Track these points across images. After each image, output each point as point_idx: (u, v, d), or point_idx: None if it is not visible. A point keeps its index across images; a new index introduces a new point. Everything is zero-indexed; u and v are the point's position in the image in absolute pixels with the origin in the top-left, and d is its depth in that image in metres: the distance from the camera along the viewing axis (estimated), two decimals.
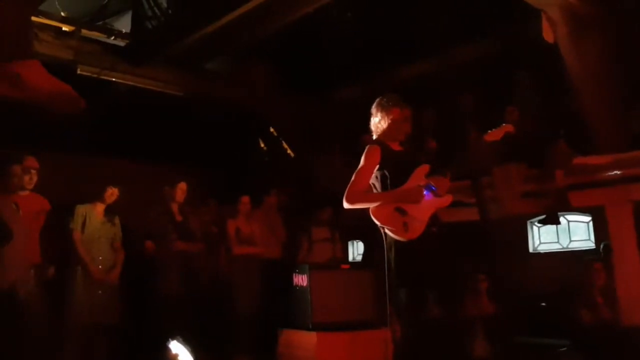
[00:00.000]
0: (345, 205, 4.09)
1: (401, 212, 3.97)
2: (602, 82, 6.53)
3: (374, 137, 4.28)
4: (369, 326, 6.13)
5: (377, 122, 4.25)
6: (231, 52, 9.18)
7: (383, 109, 4.22)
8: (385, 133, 4.22)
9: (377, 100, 4.29)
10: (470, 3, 7.25)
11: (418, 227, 3.95)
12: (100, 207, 6.19)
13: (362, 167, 4.14)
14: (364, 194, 4.09)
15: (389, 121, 4.18)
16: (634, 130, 6.30)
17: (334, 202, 7.62)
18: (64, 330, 5.75)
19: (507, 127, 4.32)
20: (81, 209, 6.08)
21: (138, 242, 6.55)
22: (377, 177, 4.13)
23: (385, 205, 4.00)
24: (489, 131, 4.33)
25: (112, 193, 6.20)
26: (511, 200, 6.39)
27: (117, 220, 6.27)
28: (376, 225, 4.09)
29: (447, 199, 4.13)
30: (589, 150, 6.33)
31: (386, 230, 4.01)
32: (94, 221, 6.09)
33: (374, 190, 4.16)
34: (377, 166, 4.11)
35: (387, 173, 4.10)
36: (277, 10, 7.17)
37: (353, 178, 4.11)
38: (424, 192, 4.02)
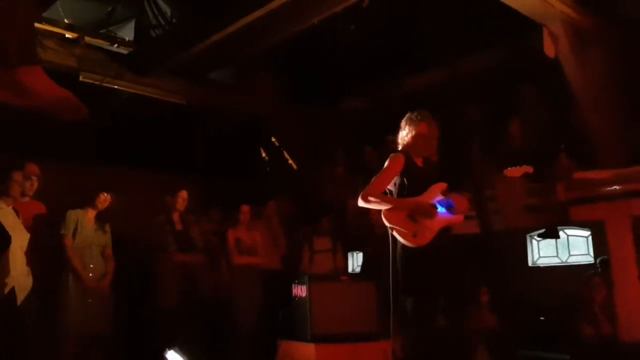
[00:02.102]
0: (360, 203, 4.18)
1: (413, 219, 4.04)
2: (603, 96, 6.55)
3: (399, 149, 4.34)
4: (369, 338, 6.10)
5: (404, 136, 4.32)
6: (235, 61, 9.19)
7: (411, 122, 4.29)
8: (409, 146, 4.28)
9: (408, 114, 4.35)
10: (476, 15, 7.25)
11: (428, 235, 4.02)
12: (91, 213, 5.96)
13: (383, 171, 4.23)
14: (379, 195, 4.16)
15: (415, 135, 4.23)
16: (634, 145, 6.29)
17: (336, 212, 7.70)
18: (57, 337, 5.61)
19: (526, 169, 4.29)
20: (72, 214, 5.85)
21: (139, 251, 6.51)
22: (395, 184, 4.22)
23: (398, 210, 4.06)
24: (509, 168, 4.32)
25: (104, 199, 6.00)
26: (513, 213, 6.39)
27: (107, 228, 6.05)
28: (379, 235, 4.11)
29: (460, 217, 4.19)
30: (589, 165, 6.33)
31: (395, 234, 4.06)
32: (85, 227, 5.87)
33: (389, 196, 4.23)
34: (398, 174, 4.18)
35: (405, 182, 4.17)
36: (282, 21, 7.18)
37: (373, 180, 4.20)
38: (437, 211, 4.08)
